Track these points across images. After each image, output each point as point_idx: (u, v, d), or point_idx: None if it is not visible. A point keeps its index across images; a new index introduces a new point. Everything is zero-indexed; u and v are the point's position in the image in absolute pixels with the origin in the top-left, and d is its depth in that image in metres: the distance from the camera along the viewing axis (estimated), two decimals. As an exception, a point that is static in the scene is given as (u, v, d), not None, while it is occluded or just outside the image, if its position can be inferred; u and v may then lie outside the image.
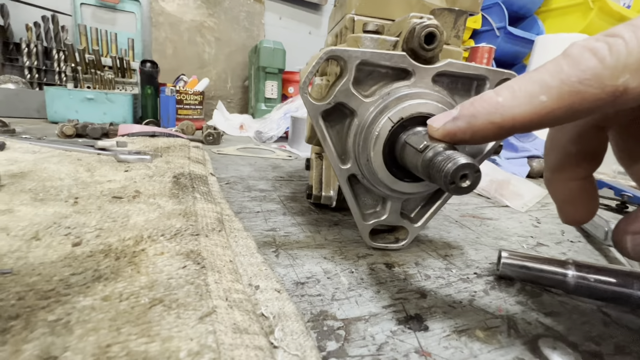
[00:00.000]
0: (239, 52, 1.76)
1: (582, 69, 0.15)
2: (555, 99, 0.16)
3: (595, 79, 0.15)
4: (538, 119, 0.17)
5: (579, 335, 0.25)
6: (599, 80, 0.15)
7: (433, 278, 0.31)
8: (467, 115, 0.19)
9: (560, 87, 0.15)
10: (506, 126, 0.18)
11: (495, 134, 0.18)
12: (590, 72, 0.15)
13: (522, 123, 0.17)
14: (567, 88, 0.15)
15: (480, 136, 0.19)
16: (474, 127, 0.19)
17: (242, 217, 0.41)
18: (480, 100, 0.19)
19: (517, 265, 0.31)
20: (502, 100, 0.17)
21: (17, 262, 0.21)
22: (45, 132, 0.87)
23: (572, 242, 0.45)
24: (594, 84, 0.15)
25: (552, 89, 0.16)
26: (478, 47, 1.56)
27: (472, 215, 0.53)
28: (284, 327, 0.21)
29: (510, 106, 0.17)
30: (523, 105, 0.17)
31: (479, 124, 0.19)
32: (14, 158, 0.46)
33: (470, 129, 0.19)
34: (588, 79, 0.15)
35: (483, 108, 0.18)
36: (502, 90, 0.18)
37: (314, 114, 0.29)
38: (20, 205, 0.30)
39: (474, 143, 0.20)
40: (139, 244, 0.25)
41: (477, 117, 0.19)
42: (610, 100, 0.15)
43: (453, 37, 0.33)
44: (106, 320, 0.17)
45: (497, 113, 0.18)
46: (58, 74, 1.33)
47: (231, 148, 0.92)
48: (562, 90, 0.15)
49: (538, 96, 0.16)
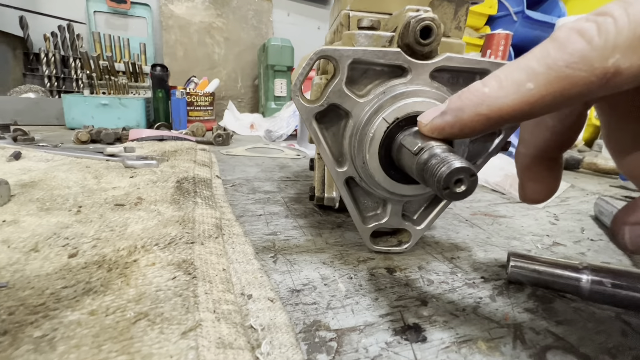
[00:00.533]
0: (248, 51, 1.77)
1: (569, 52, 0.14)
2: (542, 85, 0.15)
3: (584, 61, 0.14)
4: (527, 108, 0.16)
5: (593, 346, 0.23)
6: (588, 63, 0.14)
7: (436, 283, 0.29)
8: (455, 108, 0.19)
9: (547, 72, 0.15)
10: (494, 117, 0.17)
11: (484, 126, 0.18)
12: (577, 55, 0.14)
13: (510, 113, 0.16)
14: (554, 73, 0.14)
15: (469, 129, 0.18)
16: (462, 120, 0.18)
17: (243, 221, 0.41)
18: (467, 92, 0.18)
19: (528, 269, 0.29)
20: (488, 91, 0.17)
21: (13, 275, 0.22)
22: (63, 138, 0.90)
23: (593, 241, 0.43)
24: (583, 67, 0.14)
25: (539, 75, 0.15)
26: (494, 34, 1.49)
27: (484, 213, 0.51)
28: (272, 340, 0.20)
29: (497, 96, 0.16)
30: (510, 95, 0.16)
31: (466, 117, 0.18)
32: (27, 167, 0.48)
33: (458, 122, 0.19)
34: (575, 62, 0.14)
35: (470, 100, 0.18)
36: (489, 80, 0.17)
37: (307, 116, 0.28)
38: (25, 216, 0.31)
39: (464, 137, 0.20)
40: (132, 254, 0.25)
41: (464, 110, 0.18)
42: (601, 84, 0.14)
43: (454, 29, 0.31)
44: (89, 336, 0.17)
45: (484, 104, 0.17)
46: (75, 81, 1.38)
47: (240, 148, 0.93)
48: (549, 76, 0.14)
49: (525, 84, 0.15)
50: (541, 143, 0.22)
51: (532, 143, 0.23)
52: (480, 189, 0.66)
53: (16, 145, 0.61)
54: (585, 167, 0.89)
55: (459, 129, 0.19)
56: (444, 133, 0.20)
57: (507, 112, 0.16)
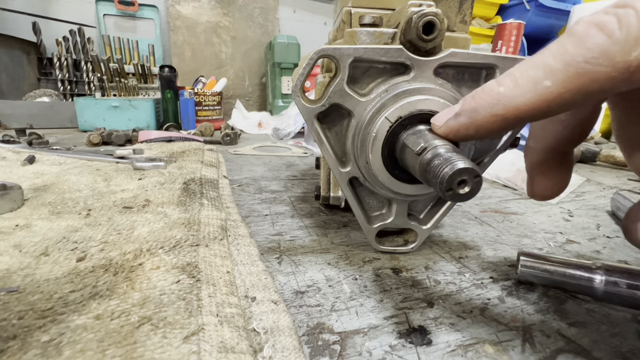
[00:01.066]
0: (255, 49, 1.77)
1: (588, 47, 0.13)
2: (561, 83, 0.14)
3: (604, 56, 0.13)
4: (545, 107, 0.15)
5: (607, 349, 0.22)
6: (609, 57, 0.13)
7: (443, 284, 0.29)
8: (469, 109, 0.18)
9: (566, 69, 0.14)
10: (510, 118, 0.16)
11: (501, 127, 0.17)
12: (597, 50, 0.13)
13: (528, 113, 0.16)
14: (573, 70, 0.14)
15: (485, 130, 0.18)
16: (477, 121, 0.18)
17: (249, 222, 0.41)
18: (482, 92, 0.17)
19: (538, 269, 0.29)
20: (503, 90, 0.16)
21: (24, 280, 0.22)
22: (76, 141, 0.92)
23: (609, 238, 0.41)
24: (603, 62, 0.13)
25: (557, 72, 0.14)
26: (505, 24, 1.45)
27: (494, 210, 0.50)
28: (275, 343, 0.20)
29: (513, 96, 0.16)
30: (527, 94, 0.15)
31: (482, 118, 0.17)
32: (41, 171, 0.49)
33: (473, 124, 0.18)
34: (595, 57, 0.13)
35: (484, 101, 0.17)
36: (504, 78, 0.16)
37: (308, 117, 0.28)
38: (37, 220, 0.32)
39: (480, 138, 0.19)
40: (138, 257, 0.25)
41: (479, 111, 0.17)
42: (624, 79, 0.13)
43: (459, 23, 0.31)
44: (94, 341, 0.17)
45: (500, 104, 0.16)
46: (87, 84, 1.41)
47: (248, 147, 0.93)
48: (568, 72, 0.14)
49: (542, 82, 0.15)
50: (552, 137, 0.22)
51: (543, 137, 0.22)
52: (491, 184, 0.64)
53: (31, 149, 0.62)
54: (602, 160, 0.86)
55: (474, 130, 0.18)
56: (459, 135, 0.20)
57: (524, 111, 0.16)
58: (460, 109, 0.19)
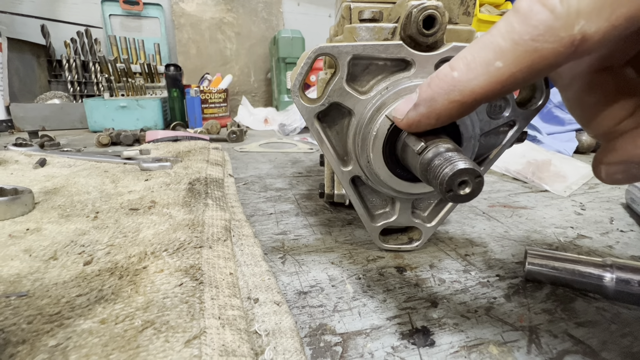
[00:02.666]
0: (259, 44, 1.76)
1: (533, 24, 0.14)
2: (511, 63, 0.14)
3: (549, 32, 0.13)
4: (500, 87, 0.15)
5: (617, 350, 0.22)
6: (554, 34, 0.13)
7: (448, 283, 0.29)
8: (427, 98, 0.18)
9: (514, 48, 0.14)
10: (467, 101, 0.17)
11: (460, 112, 0.18)
12: (542, 27, 0.13)
13: (483, 95, 0.16)
14: (522, 48, 0.14)
15: (445, 117, 0.18)
16: (436, 110, 0.18)
17: (254, 221, 0.41)
18: (437, 79, 0.18)
19: (546, 266, 0.28)
20: (457, 75, 0.16)
21: (33, 284, 0.23)
22: (86, 142, 0.94)
23: (622, 232, 0.40)
24: (549, 38, 0.13)
25: (507, 52, 0.14)
26: (515, 9, 1.40)
27: (503, 204, 0.49)
28: (277, 345, 0.20)
29: (467, 80, 0.16)
30: (480, 76, 0.16)
31: (440, 106, 0.18)
32: (51, 173, 0.50)
33: (433, 112, 0.18)
34: (541, 34, 0.13)
35: (440, 87, 0.17)
36: (457, 62, 0.17)
37: (308, 116, 0.28)
38: (47, 224, 0.33)
39: (442, 125, 0.19)
40: (142, 260, 0.25)
41: (437, 99, 0.18)
42: (570, 53, 0.13)
43: (461, 15, 0.30)
44: (99, 345, 0.18)
45: (456, 90, 0.17)
46: (96, 85, 1.43)
47: (254, 144, 0.93)
48: (517, 51, 0.14)
49: (493, 63, 0.15)
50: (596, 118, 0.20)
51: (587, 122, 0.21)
52: (500, 177, 0.63)
53: (42, 152, 0.64)
54: (618, 149, 0.83)
55: (435, 118, 0.19)
56: (421, 125, 0.20)
57: (479, 94, 0.16)
58: (418, 99, 0.19)
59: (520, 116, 0.28)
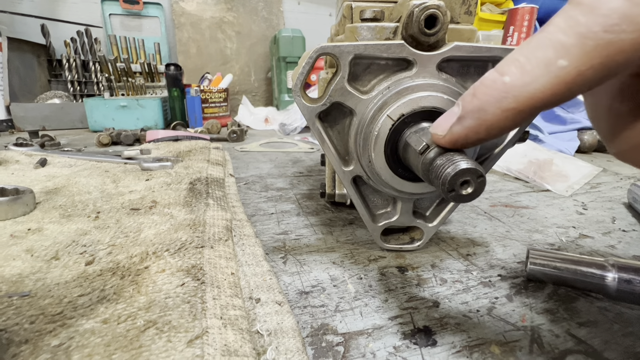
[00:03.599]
0: (260, 43, 1.76)
1: (604, 13, 0.12)
2: (579, 60, 0.12)
3: (627, 20, 0.11)
4: (565, 90, 0.13)
5: (619, 350, 0.21)
6: (632, 21, 0.11)
7: (450, 282, 0.29)
8: (474, 110, 0.16)
9: (582, 43, 0.12)
10: (525, 110, 0.14)
11: (515, 122, 0.15)
12: (617, 15, 0.12)
13: (545, 100, 0.14)
14: (592, 42, 0.12)
15: (497, 129, 0.16)
16: (487, 121, 0.16)
17: (255, 221, 0.41)
18: (484, 87, 0.15)
19: (548, 266, 0.28)
20: (510, 80, 0.14)
21: (35, 284, 0.23)
22: (86, 141, 0.94)
23: (625, 232, 0.40)
24: (627, 27, 0.12)
25: (572, 48, 0.12)
26: (517, 8, 1.40)
27: (504, 204, 0.49)
28: (279, 345, 0.20)
29: (523, 84, 0.14)
30: (540, 79, 0.13)
31: (492, 117, 0.15)
32: (52, 173, 0.50)
33: (483, 124, 0.16)
34: (616, 23, 0.12)
35: (490, 96, 0.15)
36: (507, 66, 0.15)
37: (309, 116, 0.28)
38: (49, 223, 0.33)
39: (493, 138, 0.17)
40: (144, 260, 0.25)
41: (487, 109, 0.15)
42: None
43: (463, 14, 0.29)
44: (102, 345, 0.18)
45: (510, 97, 0.14)
46: (96, 84, 1.43)
47: (254, 144, 0.93)
48: (586, 46, 0.12)
49: (555, 62, 0.13)
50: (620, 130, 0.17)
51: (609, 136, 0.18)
52: (502, 177, 0.63)
53: (43, 152, 0.64)
54: (619, 148, 0.83)
55: (485, 132, 0.16)
56: (469, 141, 0.17)
57: (540, 99, 0.14)
58: (462, 112, 0.16)
59: (522, 116, 0.28)
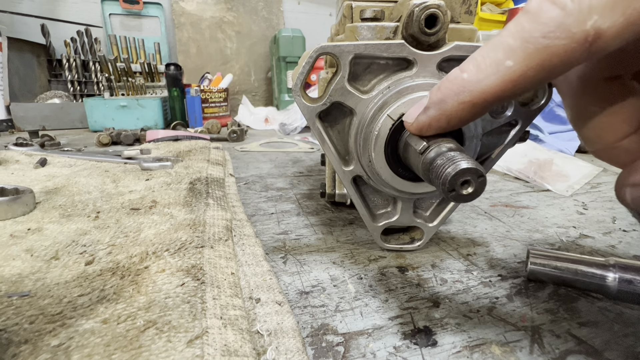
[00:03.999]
0: (259, 43, 1.76)
1: (543, 21, 0.13)
2: (521, 61, 0.14)
3: (560, 28, 0.13)
4: (511, 87, 0.15)
5: (619, 350, 0.21)
6: (565, 29, 0.13)
7: (450, 282, 0.29)
8: (437, 101, 0.18)
9: (525, 46, 0.14)
10: (478, 103, 0.16)
11: (470, 114, 0.17)
12: (553, 23, 0.13)
13: (494, 95, 0.16)
14: (532, 46, 0.14)
15: (455, 120, 0.18)
16: (446, 112, 0.18)
17: (255, 221, 0.41)
18: (447, 82, 0.18)
19: (549, 266, 0.28)
20: (467, 76, 0.16)
21: (35, 284, 0.23)
22: (86, 141, 0.94)
23: (625, 232, 0.40)
24: (560, 34, 0.13)
25: (517, 50, 0.14)
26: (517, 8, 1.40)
27: (504, 204, 0.49)
28: (279, 345, 0.20)
29: (477, 80, 0.16)
30: (490, 76, 0.15)
31: (450, 108, 0.18)
32: (52, 173, 0.50)
33: (443, 115, 0.18)
34: (552, 30, 0.13)
35: (450, 90, 0.17)
36: (467, 64, 0.17)
37: (310, 116, 0.28)
38: (48, 223, 0.33)
39: (453, 128, 0.19)
40: (144, 260, 0.25)
41: (447, 100, 0.18)
42: (584, 49, 0.13)
43: (464, 14, 0.29)
44: (102, 345, 0.18)
45: (465, 91, 0.16)
46: (96, 84, 1.43)
47: (254, 144, 0.93)
48: (527, 49, 0.14)
49: (503, 62, 0.15)
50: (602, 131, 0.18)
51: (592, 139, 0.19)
52: (502, 177, 0.63)
53: (43, 152, 0.64)
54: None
55: (445, 121, 0.18)
56: (431, 128, 0.20)
57: (490, 94, 0.16)
58: (428, 102, 0.19)
59: (523, 115, 0.28)
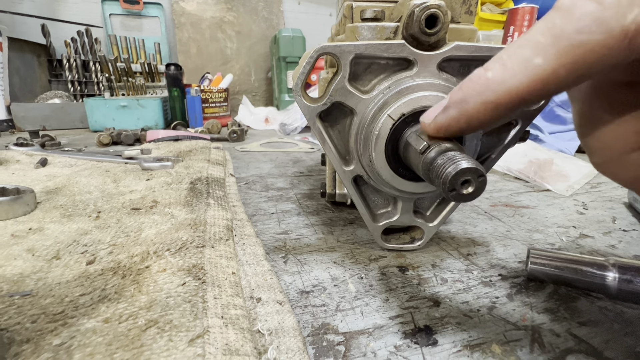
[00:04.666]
0: (260, 43, 1.76)
1: (577, 17, 0.12)
2: (553, 59, 0.13)
3: (597, 23, 0.12)
4: (540, 87, 0.14)
5: (619, 349, 0.22)
6: (601, 24, 0.12)
7: (450, 282, 0.29)
8: (457, 101, 0.17)
9: (556, 42, 0.13)
10: (502, 103, 0.15)
11: (493, 116, 0.16)
12: (588, 18, 0.12)
13: (521, 96, 0.14)
14: (565, 42, 0.13)
15: (477, 121, 0.17)
16: (467, 112, 0.17)
17: (255, 220, 0.41)
18: (469, 81, 0.16)
19: (549, 265, 0.28)
20: (491, 75, 0.15)
21: (37, 284, 0.23)
22: (87, 141, 0.94)
23: (625, 232, 0.40)
24: (597, 29, 0.12)
25: (547, 47, 0.13)
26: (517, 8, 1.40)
27: (504, 203, 0.49)
28: (280, 345, 0.20)
29: (502, 79, 0.15)
30: (517, 75, 0.14)
31: (472, 108, 0.16)
32: (53, 173, 0.50)
33: (464, 115, 0.17)
34: (587, 25, 0.12)
35: (472, 89, 0.16)
36: (492, 63, 0.15)
37: (310, 116, 0.28)
38: (49, 223, 0.33)
39: (474, 130, 0.18)
40: (145, 260, 0.25)
41: (468, 100, 0.16)
42: (623, 46, 0.12)
43: (464, 14, 0.29)
44: (103, 344, 0.18)
45: (489, 90, 0.15)
46: (96, 84, 1.43)
47: (255, 144, 0.93)
48: (559, 46, 0.13)
49: (532, 60, 0.14)
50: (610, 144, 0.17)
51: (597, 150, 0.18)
52: (502, 177, 0.63)
53: (43, 152, 0.64)
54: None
55: (465, 122, 0.17)
56: (450, 130, 0.18)
57: (517, 94, 0.14)
58: (448, 102, 0.18)
59: (523, 115, 0.28)
